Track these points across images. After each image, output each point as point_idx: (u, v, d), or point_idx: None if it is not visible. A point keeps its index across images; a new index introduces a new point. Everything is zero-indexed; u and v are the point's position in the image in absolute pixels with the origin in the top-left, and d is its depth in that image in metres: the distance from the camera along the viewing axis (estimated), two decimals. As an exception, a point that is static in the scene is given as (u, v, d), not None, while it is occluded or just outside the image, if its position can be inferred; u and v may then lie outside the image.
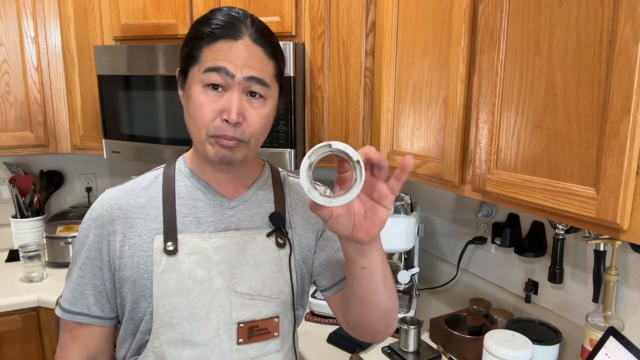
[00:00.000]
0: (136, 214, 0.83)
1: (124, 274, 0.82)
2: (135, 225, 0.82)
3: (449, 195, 1.76)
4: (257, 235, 0.86)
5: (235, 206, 0.87)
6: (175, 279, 0.80)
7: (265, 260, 0.86)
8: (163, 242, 0.81)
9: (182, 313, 0.80)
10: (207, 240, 0.83)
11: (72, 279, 0.85)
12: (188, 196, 0.85)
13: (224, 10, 0.79)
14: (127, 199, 0.84)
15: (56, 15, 1.85)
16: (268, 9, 1.58)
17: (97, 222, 0.83)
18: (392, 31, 1.37)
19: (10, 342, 1.70)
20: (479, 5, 1.02)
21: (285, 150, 1.57)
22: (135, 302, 0.82)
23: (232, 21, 0.77)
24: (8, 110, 1.82)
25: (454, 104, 1.12)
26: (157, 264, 0.80)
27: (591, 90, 0.77)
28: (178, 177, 0.86)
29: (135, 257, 0.81)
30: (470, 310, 1.44)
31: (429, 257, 1.87)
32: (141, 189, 0.85)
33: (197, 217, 0.84)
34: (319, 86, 1.59)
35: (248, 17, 0.80)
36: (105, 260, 0.83)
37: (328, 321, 1.51)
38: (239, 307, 0.83)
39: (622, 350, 0.92)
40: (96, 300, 0.84)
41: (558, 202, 0.84)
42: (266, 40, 0.79)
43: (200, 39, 0.77)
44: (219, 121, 0.76)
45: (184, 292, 0.80)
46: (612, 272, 1.10)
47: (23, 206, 2.05)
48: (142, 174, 0.90)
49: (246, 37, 0.77)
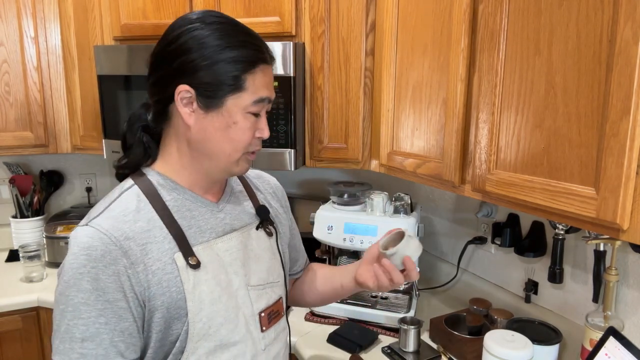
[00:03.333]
0: (145, 239, 0.77)
1: (155, 303, 0.76)
2: (150, 251, 0.76)
3: (449, 195, 1.76)
4: (249, 230, 0.91)
5: (223, 209, 0.88)
6: (205, 290, 0.80)
7: (262, 251, 0.92)
8: (184, 259, 0.79)
9: (219, 320, 0.81)
10: (215, 246, 0.84)
11: (86, 334, 0.72)
12: (183, 208, 0.83)
13: (246, 30, 0.81)
14: (128, 226, 0.76)
15: (56, 15, 1.85)
16: (268, 9, 1.58)
17: (106, 260, 0.72)
18: (392, 31, 1.37)
19: (10, 342, 1.70)
20: (479, 5, 1.02)
21: (285, 150, 1.57)
22: (167, 328, 0.78)
23: (261, 43, 0.81)
24: (8, 110, 1.83)
25: (453, 104, 1.12)
26: (187, 281, 0.78)
27: (591, 90, 0.77)
28: (161, 191, 0.82)
29: (164, 282, 0.76)
30: (470, 310, 1.44)
31: (429, 257, 1.87)
32: (133, 212, 0.78)
33: (198, 227, 0.83)
34: (319, 86, 1.59)
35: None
36: (131, 297, 0.74)
37: (328, 321, 1.51)
38: (256, 298, 0.88)
39: (622, 350, 0.92)
40: (127, 344, 0.75)
41: (558, 202, 0.84)
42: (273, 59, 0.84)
43: (244, 64, 0.77)
44: (254, 139, 0.82)
45: (215, 301, 0.81)
46: (612, 272, 1.10)
47: (23, 206, 2.05)
48: (110, 197, 0.82)
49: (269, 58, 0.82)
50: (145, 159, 0.85)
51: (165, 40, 0.79)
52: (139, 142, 0.84)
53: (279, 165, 1.58)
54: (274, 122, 1.55)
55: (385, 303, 1.55)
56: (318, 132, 1.62)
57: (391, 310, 1.49)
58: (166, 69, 0.78)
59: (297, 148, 1.59)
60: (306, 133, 1.64)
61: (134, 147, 0.84)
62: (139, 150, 0.84)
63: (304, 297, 1.14)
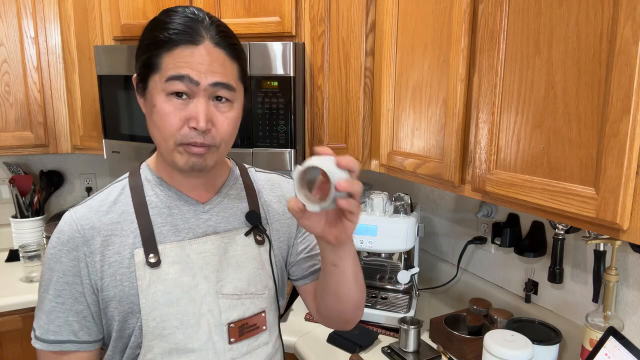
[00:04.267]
0: (111, 231, 0.79)
1: (108, 294, 0.79)
2: (112, 243, 0.79)
3: (449, 195, 1.76)
4: (235, 236, 0.86)
5: (209, 209, 0.85)
6: (162, 290, 0.78)
7: (247, 259, 0.86)
8: (144, 256, 0.78)
9: (174, 323, 0.79)
10: (188, 247, 0.81)
11: (48, 307, 0.79)
12: (161, 205, 0.82)
13: (180, 12, 0.75)
14: (97, 217, 0.79)
15: (56, 16, 1.85)
16: (268, 9, 1.58)
17: (70, 245, 0.78)
18: (392, 31, 1.37)
19: (10, 342, 1.70)
20: (479, 5, 1.02)
21: (285, 150, 1.57)
22: (124, 320, 0.79)
23: (190, 24, 0.74)
24: (8, 111, 1.83)
25: (453, 104, 1.12)
26: (142, 278, 0.78)
27: (591, 90, 0.77)
28: (146, 186, 0.83)
29: (118, 275, 0.78)
30: (470, 310, 1.44)
31: (429, 257, 1.87)
32: (110, 204, 0.81)
33: (174, 226, 0.82)
34: (319, 86, 1.59)
35: (206, 17, 0.76)
36: (86, 284, 0.78)
37: (328, 321, 1.51)
38: (227, 308, 0.83)
39: (622, 350, 0.92)
40: (81, 325, 0.80)
41: (558, 202, 0.84)
42: (228, 43, 0.76)
43: (157, 46, 0.74)
44: (186, 129, 0.74)
45: (172, 302, 0.79)
46: (612, 272, 1.10)
47: (23, 206, 2.05)
48: (105, 187, 0.86)
49: (207, 41, 0.74)
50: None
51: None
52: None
53: (279, 165, 1.58)
54: (274, 122, 1.55)
55: (385, 303, 1.55)
56: (318, 132, 1.62)
57: (391, 310, 1.49)
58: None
59: (297, 148, 1.59)
60: (306, 133, 1.64)
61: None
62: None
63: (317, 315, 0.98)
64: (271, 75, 1.52)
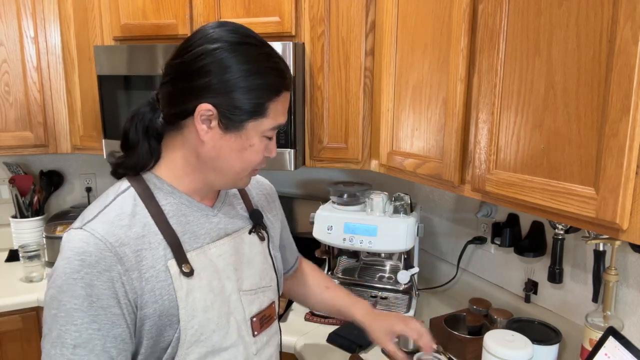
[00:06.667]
0: (140, 245, 0.76)
1: (147, 311, 0.76)
2: (144, 257, 0.76)
3: (448, 195, 1.76)
4: (242, 235, 0.92)
5: (218, 213, 0.89)
6: (198, 297, 0.80)
7: (254, 256, 0.93)
8: (177, 266, 0.78)
9: (211, 327, 0.81)
10: (209, 251, 0.84)
11: (80, 339, 0.71)
12: (178, 213, 0.82)
13: (272, 52, 0.80)
14: (123, 232, 0.75)
15: (56, 16, 1.85)
16: (268, 9, 1.58)
17: (101, 266, 0.72)
18: (392, 31, 1.37)
19: (10, 342, 1.70)
20: (479, 5, 1.02)
21: (285, 151, 1.57)
22: (159, 334, 0.78)
23: (285, 68, 0.82)
24: (8, 111, 1.83)
25: (453, 104, 1.12)
26: (180, 289, 0.78)
27: (591, 90, 0.77)
28: (158, 195, 0.82)
29: (157, 290, 0.76)
30: (470, 310, 1.44)
31: (429, 257, 1.87)
32: (129, 217, 0.77)
33: (192, 233, 0.83)
34: (318, 86, 1.59)
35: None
36: (125, 304, 0.74)
37: (328, 321, 1.51)
38: (248, 303, 0.88)
39: (622, 350, 0.93)
40: (119, 350, 0.75)
41: (558, 202, 0.84)
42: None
43: (268, 92, 0.78)
44: (263, 158, 0.84)
45: (208, 308, 0.81)
46: (611, 272, 1.10)
47: (23, 206, 2.05)
48: (105, 199, 0.81)
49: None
50: (150, 161, 0.84)
51: (185, 56, 0.77)
52: (143, 143, 0.83)
53: (279, 165, 1.58)
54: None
55: (385, 303, 1.55)
56: (318, 132, 1.62)
57: (391, 310, 1.49)
58: (187, 84, 0.76)
59: (297, 148, 1.59)
60: (306, 133, 1.64)
61: (138, 147, 0.83)
62: (144, 152, 0.83)
63: (307, 300, 1.22)
64: (271, 75, 1.51)
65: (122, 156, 0.85)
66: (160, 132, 0.84)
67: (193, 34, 0.79)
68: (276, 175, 2.16)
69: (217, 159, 0.80)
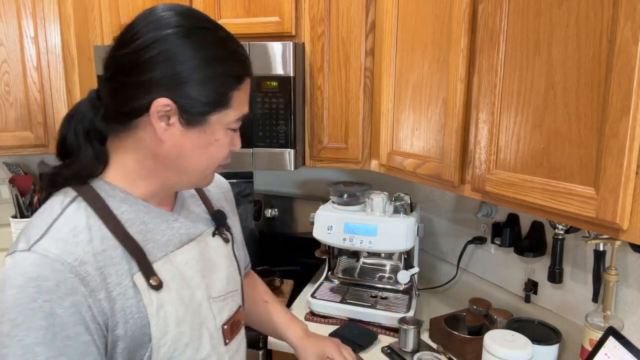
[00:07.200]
0: (101, 262, 0.67)
1: (118, 332, 0.68)
2: (109, 275, 0.67)
3: (448, 195, 1.76)
4: (206, 238, 0.85)
5: (178, 217, 0.81)
6: (170, 311, 0.73)
7: (220, 259, 0.87)
8: (145, 280, 0.70)
9: (184, 341, 0.75)
10: (175, 260, 0.77)
11: None
12: (136, 221, 0.74)
13: (230, 38, 0.73)
14: (81, 248, 0.66)
15: (56, 15, 1.84)
16: (268, 9, 1.58)
17: (62, 290, 0.62)
18: (392, 31, 1.37)
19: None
20: (479, 5, 1.03)
21: (285, 150, 1.57)
22: (131, 356, 0.70)
23: (245, 53, 0.75)
24: (8, 111, 1.82)
25: (453, 104, 1.12)
26: (150, 304, 0.70)
27: (591, 90, 0.77)
28: (111, 203, 0.72)
29: (127, 309, 0.68)
30: (470, 310, 1.44)
31: (429, 257, 1.87)
32: (84, 230, 0.68)
33: (155, 241, 0.75)
34: (318, 86, 1.59)
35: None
36: (95, 328, 0.66)
37: (328, 321, 1.51)
38: (218, 311, 0.83)
39: (622, 350, 0.93)
40: None
41: (558, 202, 0.84)
42: None
43: (231, 79, 0.72)
44: (229, 153, 0.78)
45: (180, 321, 0.75)
46: (611, 272, 1.10)
47: (23, 206, 2.05)
48: (50, 212, 0.70)
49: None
50: (97, 167, 0.74)
51: (132, 45, 0.68)
52: (86, 147, 0.73)
53: (279, 165, 1.58)
54: (274, 122, 1.55)
55: (385, 303, 1.55)
56: (318, 132, 1.62)
57: (391, 310, 1.49)
58: (137, 78, 0.67)
59: (297, 148, 1.59)
60: (306, 133, 1.64)
61: (81, 152, 0.73)
62: (88, 158, 0.73)
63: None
64: (271, 75, 1.52)
65: (60, 165, 0.75)
66: (103, 134, 0.75)
67: (137, 19, 0.71)
68: (276, 175, 2.16)
69: (179, 158, 0.73)
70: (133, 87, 0.68)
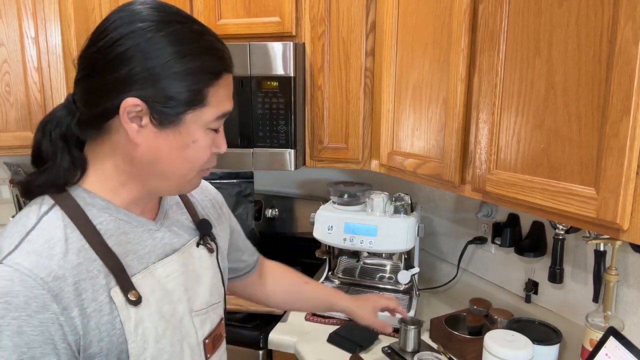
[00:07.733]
0: (77, 276, 0.63)
1: (93, 351, 0.64)
2: (84, 290, 0.63)
3: (449, 195, 1.76)
4: (190, 249, 0.81)
5: (160, 227, 0.77)
6: (149, 327, 0.69)
7: (204, 271, 0.83)
8: (123, 295, 0.66)
9: (164, 357, 0.72)
10: (155, 272, 0.73)
11: None
12: (117, 232, 0.70)
13: (206, 31, 0.68)
14: (56, 262, 0.62)
15: (56, 16, 1.84)
16: (268, 9, 1.58)
17: (31, 307, 0.59)
18: (392, 31, 1.37)
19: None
20: (479, 5, 1.03)
21: (285, 151, 1.57)
22: None
23: (224, 47, 0.69)
24: (8, 111, 1.82)
25: (454, 104, 1.12)
26: (127, 321, 0.66)
27: (591, 90, 0.77)
28: (90, 212, 0.68)
29: (103, 326, 0.65)
30: (470, 310, 1.44)
31: (429, 257, 1.87)
32: (60, 242, 0.64)
33: (135, 253, 0.71)
34: (319, 86, 1.59)
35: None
36: (63, 349, 0.61)
37: (328, 321, 1.51)
38: (200, 325, 0.80)
39: (622, 350, 0.92)
40: None
41: (558, 202, 0.84)
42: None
43: (206, 75, 0.66)
44: (211, 156, 0.73)
45: (160, 337, 0.71)
46: (612, 272, 1.10)
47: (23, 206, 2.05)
48: (24, 222, 0.66)
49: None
50: (74, 175, 0.70)
51: (100, 43, 0.65)
52: (62, 154, 0.69)
53: (279, 165, 1.58)
54: (274, 122, 1.55)
55: (386, 303, 1.55)
56: (318, 132, 1.62)
57: (391, 310, 1.49)
58: (107, 76, 0.64)
59: (297, 148, 1.59)
60: (306, 133, 1.64)
61: (57, 159, 0.69)
62: (65, 165, 0.69)
63: (269, 298, 1.16)
64: (271, 75, 1.52)
65: (35, 172, 0.71)
66: (81, 139, 0.71)
67: (108, 15, 0.68)
68: (276, 175, 2.16)
69: (156, 162, 0.68)
70: (103, 87, 0.64)
